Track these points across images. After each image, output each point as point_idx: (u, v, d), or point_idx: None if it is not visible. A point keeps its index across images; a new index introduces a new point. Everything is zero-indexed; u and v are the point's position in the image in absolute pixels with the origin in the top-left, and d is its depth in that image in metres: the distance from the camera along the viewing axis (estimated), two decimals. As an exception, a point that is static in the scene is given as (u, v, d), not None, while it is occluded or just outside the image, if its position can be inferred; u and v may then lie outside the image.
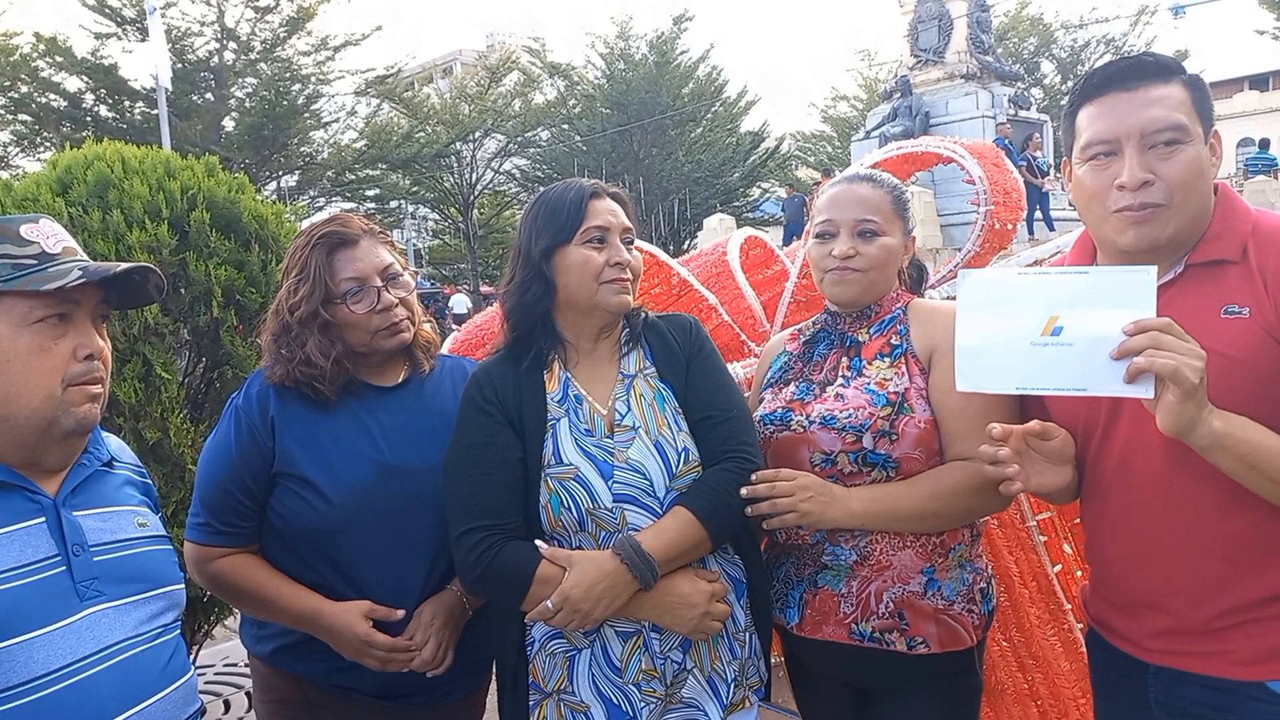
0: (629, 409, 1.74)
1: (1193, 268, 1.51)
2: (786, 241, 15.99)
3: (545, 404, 1.73)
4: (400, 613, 1.76)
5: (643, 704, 1.65)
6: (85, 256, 1.41)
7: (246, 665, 3.77)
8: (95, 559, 1.35)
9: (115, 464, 1.51)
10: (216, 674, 3.79)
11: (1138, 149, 1.48)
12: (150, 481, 1.61)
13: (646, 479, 1.67)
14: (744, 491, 1.68)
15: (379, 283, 1.84)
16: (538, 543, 1.64)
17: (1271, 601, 1.44)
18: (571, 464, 1.68)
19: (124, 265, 1.39)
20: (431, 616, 1.79)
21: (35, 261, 1.33)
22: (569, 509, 1.65)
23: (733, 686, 1.73)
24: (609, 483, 1.66)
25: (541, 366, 1.77)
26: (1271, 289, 1.43)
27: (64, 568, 1.31)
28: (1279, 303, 1.42)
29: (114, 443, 1.56)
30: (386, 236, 1.95)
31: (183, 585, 1.51)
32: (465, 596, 1.83)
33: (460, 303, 24.66)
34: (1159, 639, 1.55)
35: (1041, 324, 1.41)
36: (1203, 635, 1.49)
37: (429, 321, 2.02)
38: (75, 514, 1.37)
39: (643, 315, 1.84)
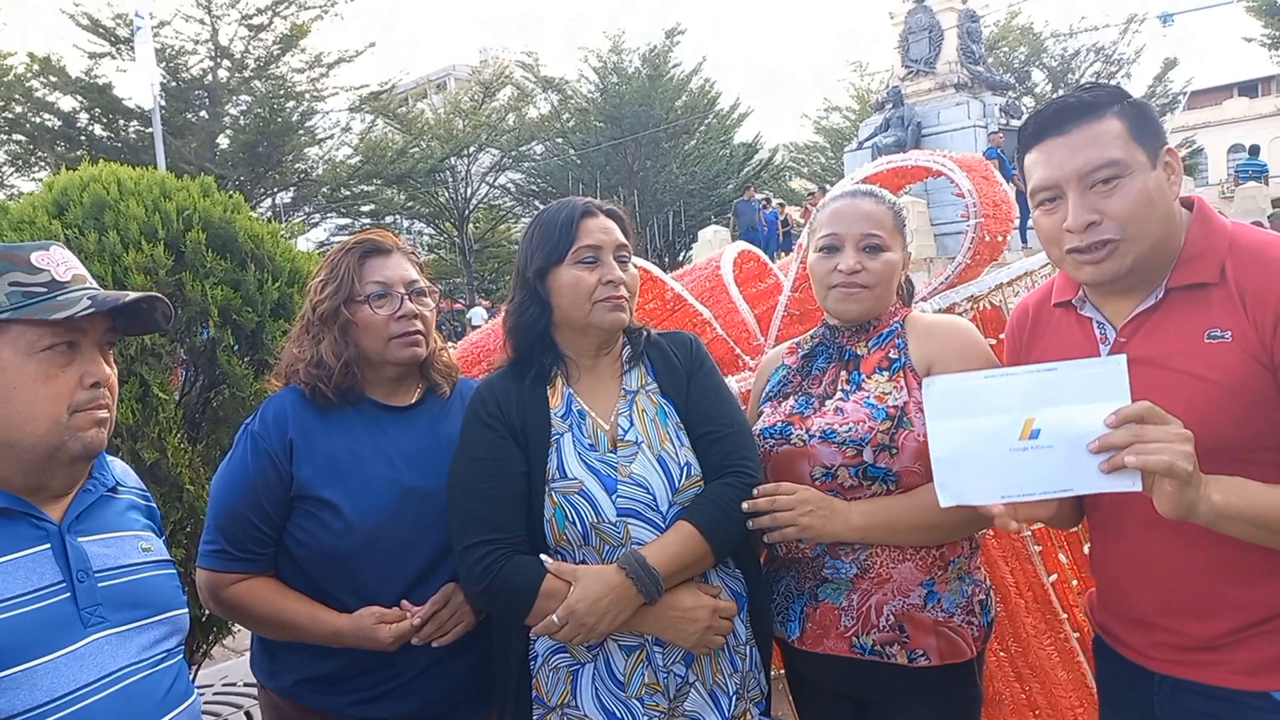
0: (631, 424, 1.75)
1: (1173, 292, 1.51)
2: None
3: (549, 419, 1.74)
4: (410, 613, 1.75)
5: (645, 718, 1.66)
6: (94, 284, 1.42)
7: (246, 685, 3.76)
8: (99, 585, 1.35)
9: (120, 488, 1.51)
10: (215, 694, 3.77)
11: (1078, 191, 1.49)
12: (154, 505, 1.61)
13: (649, 493, 1.68)
14: (745, 506, 1.69)
15: (403, 291, 1.87)
16: (543, 557, 1.65)
17: (1273, 618, 1.44)
18: (575, 478, 1.69)
19: (133, 295, 1.40)
20: (445, 597, 1.78)
21: (44, 289, 1.34)
22: (573, 523, 1.66)
23: (734, 699, 1.73)
24: (613, 497, 1.67)
25: (545, 381, 1.78)
26: (1251, 310, 1.43)
27: (68, 594, 1.31)
28: (1259, 324, 1.41)
29: (118, 467, 1.56)
30: (418, 259, 1.99)
31: (185, 610, 1.51)
32: None
33: (478, 315, 24.69)
34: (1163, 650, 1.56)
35: (1018, 428, 1.36)
36: (1206, 649, 1.50)
37: (446, 350, 2.02)
38: (80, 540, 1.36)
39: (645, 333, 1.86)
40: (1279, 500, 1.35)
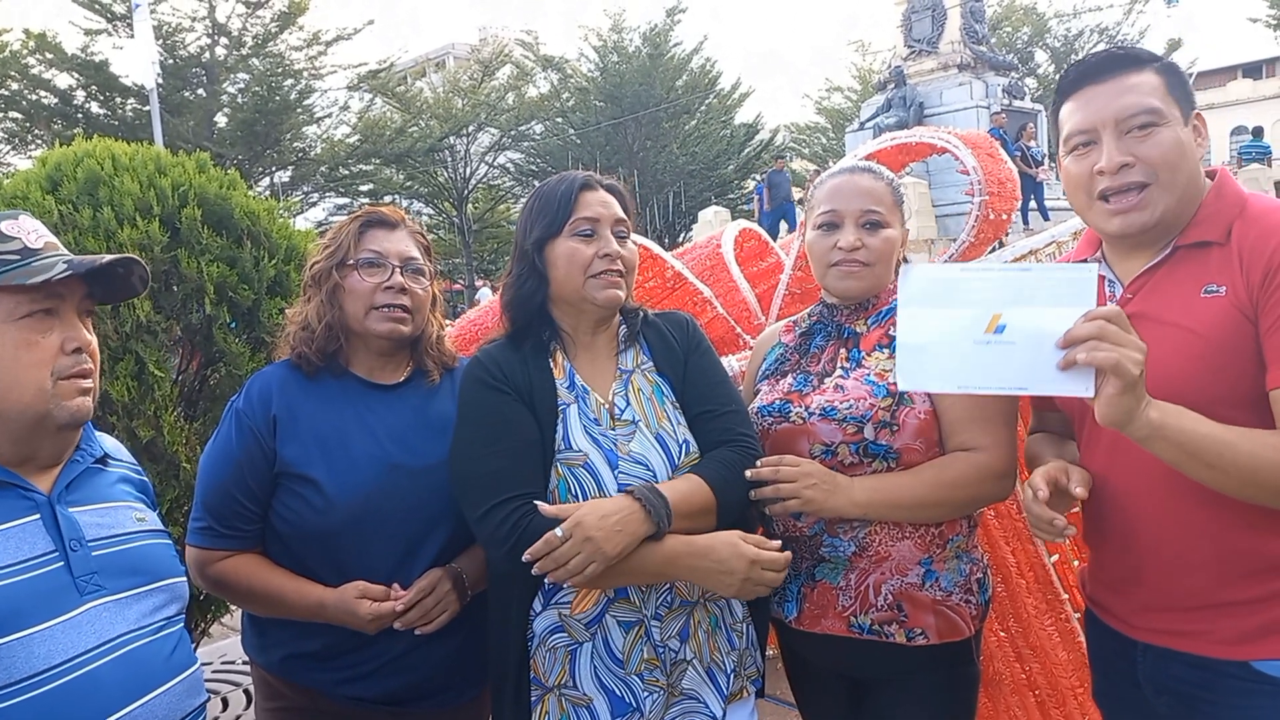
0: (628, 403, 1.74)
1: (1180, 250, 1.54)
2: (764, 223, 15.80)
3: (555, 389, 1.73)
4: (395, 596, 1.73)
5: (646, 694, 1.64)
6: (66, 251, 1.40)
7: (245, 663, 3.77)
8: (94, 554, 1.35)
9: (110, 461, 1.51)
10: (214, 671, 3.78)
11: (1114, 135, 1.53)
12: (147, 480, 1.61)
13: (650, 470, 1.67)
14: (748, 474, 1.68)
15: (397, 264, 1.85)
16: (538, 503, 1.60)
17: (1250, 585, 1.46)
18: (581, 450, 1.67)
19: (108, 257, 1.39)
20: (432, 584, 1.77)
21: (18, 257, 1.32)
22: (576, 496, 1.65)
23: (731, 677, 1.73)
24: (615, 472, 1.66)
25: (546, 354, 1.76)
26: (1246, 264, 1.46)
27: (62, 563, 1.31)
28: (1250, 278, 1.44)
29: (109, 442, 1.55)
30: (426, 241, 1.97)
31: (184, 578, 1.51)
32: (465, 575, 1.82)
33: (485, 294, 24.66)
34: (1144, 615, 1.60)
35: (985, 321, 1.39)
36: (1184, 613, 1.53)
37: (446, 338, 1.99)
38: (71, 510, 1.36)
39: (641, 314, 1.85)
40: (1217, 436, 1.37)
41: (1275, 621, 1.44)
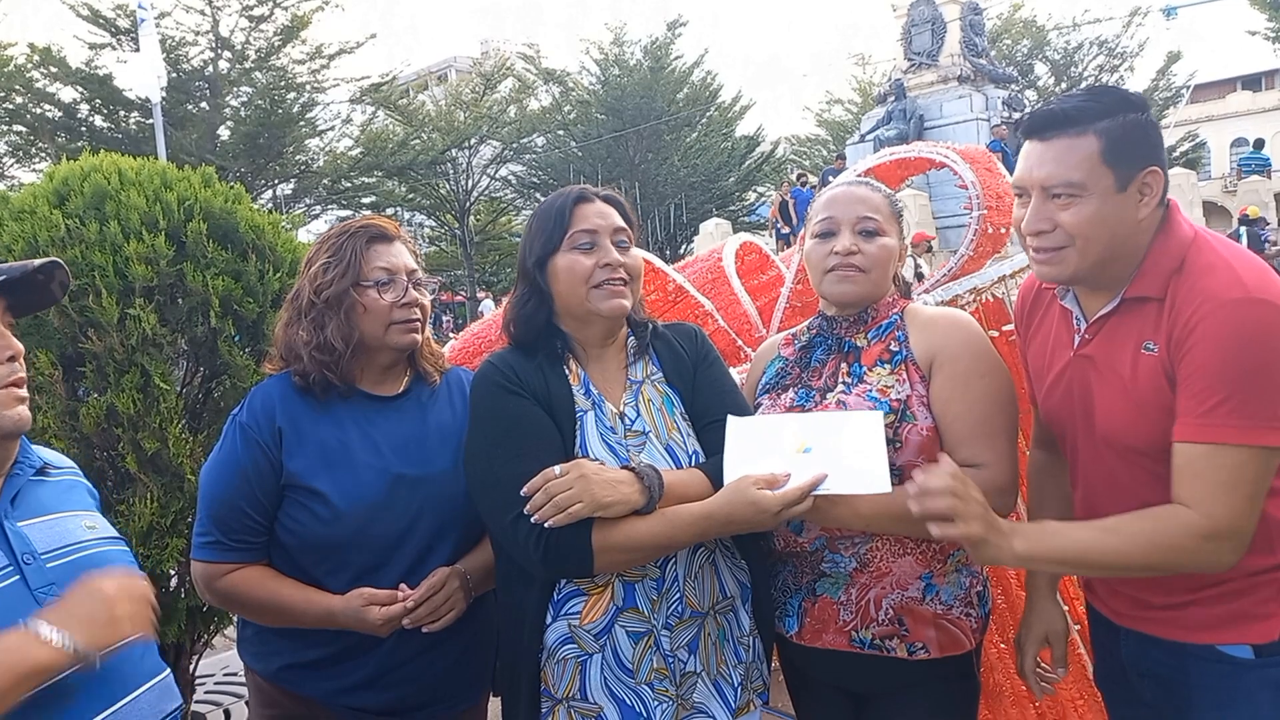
0: (638, 414, 1.75)
1: (1127, 301, 1.59)
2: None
3: (572, 395, 1.73)
4: (402, 597, 1.73)
5: (656, 703, 1.65)
6: None
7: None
8: (48, 565, 1.35)
9: (50, 470, 1.50)
10: (216, 683, 3.77)
11: (1040, 198, 1.57)
12: (92, 486, 1.60)
13: None
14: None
15: (406, 279, 1.87)
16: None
17: (1216, 581, 1.55)
18: (598, 458, 1.68)
19: (37, 262, 1.38)
20: (441, 581, 1.78)
21: None
22: None
23: (739, 690, 1.74)
24: None
25: (561, 362, 1.77)
26: (1170, 324, 1.50)
27: (18, 577, 1.31)
28: (1170, 339, 1.50)
29: (47, 452, 1.55)
30: (414, 247, 2.00)
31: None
32: (469, 577, 1.83)
33: (488, 306, 24.59)
34: (1125, 604, 1.70)
35: (794, 450, 1.65)
36: (1159, 604, 1.63)
37: (431, 339, 2.02)
38: (19, 524, 1.36)
39: (650, 326, 1.86)
40: (1079, 545, 1.52)
41: (1238, 611, 1.55)
